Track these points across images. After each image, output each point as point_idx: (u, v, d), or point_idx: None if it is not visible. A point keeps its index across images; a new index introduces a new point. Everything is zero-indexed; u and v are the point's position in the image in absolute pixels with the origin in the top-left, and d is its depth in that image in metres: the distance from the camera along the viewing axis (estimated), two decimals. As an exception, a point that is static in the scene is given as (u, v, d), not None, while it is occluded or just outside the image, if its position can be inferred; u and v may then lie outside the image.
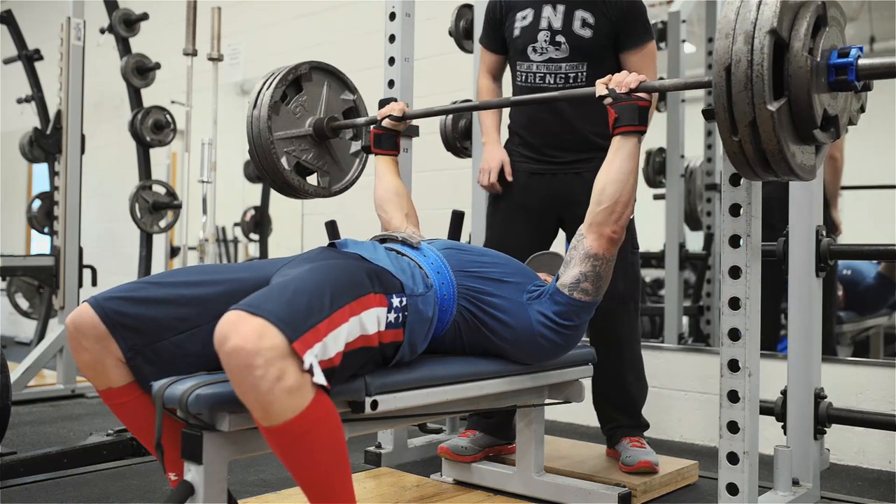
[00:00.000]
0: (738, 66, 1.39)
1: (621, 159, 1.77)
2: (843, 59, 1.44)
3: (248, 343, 1.21)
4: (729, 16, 1.42)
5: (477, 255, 1.86)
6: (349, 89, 2.44)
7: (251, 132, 2.26)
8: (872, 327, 3.91)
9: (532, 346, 1.80)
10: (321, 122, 2.33)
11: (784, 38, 1.38)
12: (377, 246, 1.75)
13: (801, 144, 1.48)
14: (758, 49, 1.37)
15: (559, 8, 2.35)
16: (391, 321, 1.53)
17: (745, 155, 1.45)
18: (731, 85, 1.40)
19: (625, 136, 1.78)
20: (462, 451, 2.34)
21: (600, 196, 1.77)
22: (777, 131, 1.39)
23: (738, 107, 1.40)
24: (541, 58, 2.37)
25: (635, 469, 2.33)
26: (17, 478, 2.36)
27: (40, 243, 6.38)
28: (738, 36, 1.39)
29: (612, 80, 1.81)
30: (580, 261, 1.77)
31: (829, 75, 1.45)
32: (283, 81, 2.28)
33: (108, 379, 1.48)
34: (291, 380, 1.23)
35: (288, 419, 1.24)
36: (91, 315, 1.44)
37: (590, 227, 1.78)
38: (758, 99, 1.38)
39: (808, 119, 1.42)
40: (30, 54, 5.06)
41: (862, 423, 2.33)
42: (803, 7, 1.42)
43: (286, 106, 2.29)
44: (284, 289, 1.34)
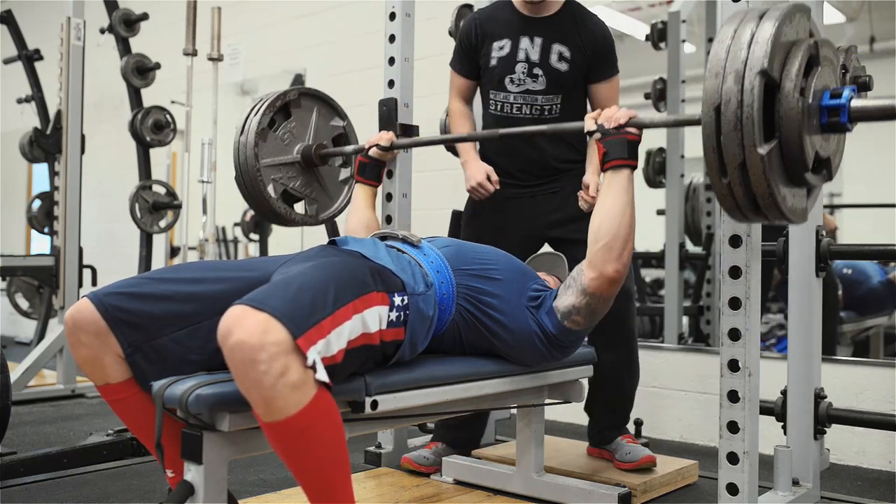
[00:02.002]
0: (728, 106, 1.34)
1: (614, 194, 1.72)
2: (836, 101, 1.39)
3: (252, 338, 1.21)
4: (719, 54, 1.37)
5: (476, 253, 1.86)
6: (339, 115, 2.41)
7: (237, 158, 2.23)
8: (872, 327, 3.90)
9: (529, 349, 1.80)
10: (309, 149, 2.30)
11: (775, 78, 1.34)
12: (378, 243, 1.75)
13: (793, 187, 1.43)
14: (748, 90, 1.32)
15: (536, 41, 2.36)
16: (393, 320, 1.53)
17: (735, 198, 1.40)
18: (721, 125, 1.35)
19: (615, 170, 1.74)
20: (424, 462, 2.35)
21: (597, 234, 1.72)
22: (767, 174, 1.34)
23: (727, 148, 1.35)
24: (517, 89, 2.38)
25: (639, 465, 2.34)
26: (17, 478, 2.36)
27: (40, 243, 6.38)
28: (728, 75, 1.34)
29: (602, 115, 1.77)
30: (576, 293, 1.75)
31: (822, 117, 1.40)
32: (272, 108, 2.24)
33: (106, 375, 1.48)
34: (295, 375, 1.23)
35: (290, 415, 1.24)
36: (91, 310, 1.43)
37: (590, 265, 1.73)
38: (748, 141, 1.33)
39: (799, 162, 1.37)
40: (30, 54, 5.06)
41: (862, 423, 2.33)
42: (795, 46, 1.38)
43: (274, 132, 2.25)
44: (288, 285, 1.34)
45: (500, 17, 2.42)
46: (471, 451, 2.52)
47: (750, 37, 1.35)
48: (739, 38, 1.36)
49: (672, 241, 3.77)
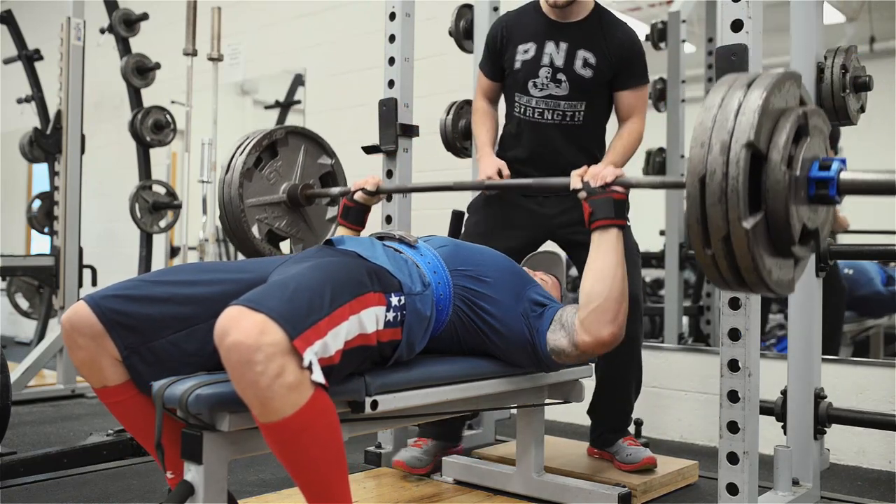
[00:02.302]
0: (713, 177, 1.30)
1: (604, 255, 1.70)
2: (824, 174, 1.34)
3: (248, 338, 1.21)
4: (706, 123, 1.33)
5: (472, 254, 1.85)
6: (327, 153, 2.39)
7: (221, 197, 2.20)
8: (872, 327, 3.90)
9: (521, 355, 1.80)
10: (295, 189, 2.27)
11: (762, 150, 1.30)
12: (375, 243, 1.75)
13: (779, 259, 1.39)
14: (734, 162, 1.28)
15: (562, 45, 2.35)
16: (390, 320, 1.53)
17: (719, 269, 1.37)
18: (705, 197, 1.31)
19: (603, 230, 1.71)
20: (418, 464, 2.32)
21: (588, 297, 1.69)
22: (752, 248, 1.30)
23: (711, 220, 1.31)
24: (541, 93, 2.37)
25: (640, 466, 2.35)
26: (17, 478, 2.36)
27: (40, 243, 6.37)
28: (713, 145, 1.31)
29: (588, 172, 1.74)
30: (567, 343, 1.72)
31: (809, 188, 1.36)
32: (258, 147, 2.20)
33: (103, 377, 1.47)
34: (291, 376, 1.23)
35: (286, 415, 1.24)
36: (87, 313, 1.43)
37: (584, 329, 1.69)
38: (732, 214, 1.29)
39: (785, 234, 1.34)
40: (30, 54, 5.06)
41: (862, 423, 2.33)
42: (784, 116, 1.35)
43: (260, 171, 2.22)
44: (285, 286, 1.34)
45: (527, 21, 2.41)
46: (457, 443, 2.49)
47: (737, 106, 1.31)
48: (726, 106, 1.33)
49: (672, 241, 3.77)
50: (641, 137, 2.41)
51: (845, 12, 4.26)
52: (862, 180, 1.33)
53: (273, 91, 5.16)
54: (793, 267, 1.44)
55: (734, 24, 1.83)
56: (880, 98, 2.42)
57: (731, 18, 1.84)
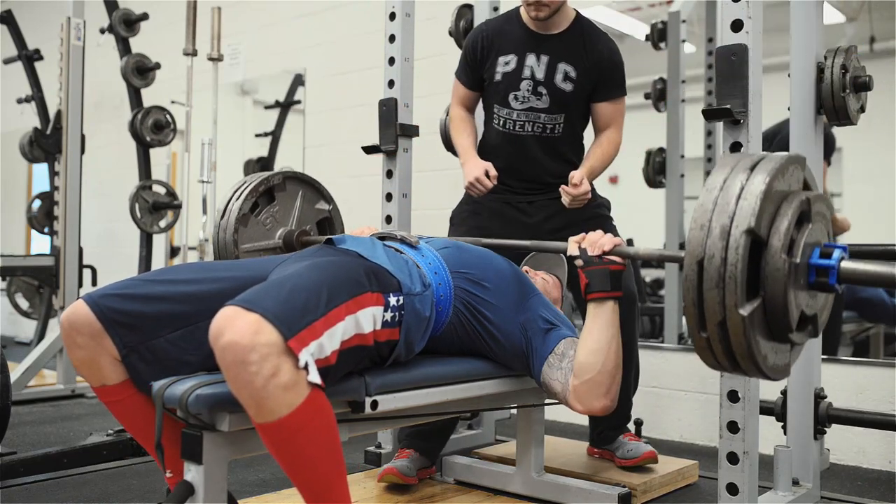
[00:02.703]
0: (711, 262, 1.28)
1: (599, 328, 1.68)
2: (825, 262, 1.32)
3: (243, 338, 1.20)
4: (706, 205, 1.32)
5: (474, 257, 1.84)
6: (325, 199, 2.35)
7: (216, 241, 2.18)
8: (872, 327, 3.90)
9: (519, 363, 1.80)
10: (291, 235, 2.25)
11: (762, 236, 1.29)
12: (376, 243, 1.74)
13: (775, 343, 1.38)
14: (733, 248, 1.27)
15: (542, 58, 2.33)
16: (387, 320, 1.52)
17: (714, 353, 1.36)
18: (703, 281, 1.30)
19: (599, 302, 1.69)
20: (409, 472, 2.26)
21: (581, 368, 1.67)
22: (748, 335, 1.29)
23: (708, 304, 1.30)
24: (521, 106, 2.36)
25: (641, 460, 2.35)
26: (17, 478, 2.36)
27: (40, 243, 6.37)
28: (713, 229, 1.29)
29: (586, 239, 1.73)
30: (558, 391, 1.72)
31: (809, 275, 1.34)
32: (254, 192, 2.18)
33: (102, 376, 1.47)
34: (286, 376, 1.23)
35: (282, 416, 1.24)
36: (86, 312, 1.43)
37: (576, 397, 1.68)
38: (729, 300, 1.27)
39: (783, 321, 1.32)
40: (30, 54, 5.06)
41: (862, 423, 2.33)
42: (786, 201, 1.33)
43: (256, 217, 2.20)
44: (281, 286, 1.34)
45: (508, 31, 2.38)
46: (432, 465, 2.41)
47: (739, 190, 1.30)
48: (728, 189, 1.31)
49: (672, 241, 3.77)
50: (619, 148, 2.39)
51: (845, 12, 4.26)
52: (863, 270, 1.31)
53: (273, 91, 5.16)
54: (789, 351, 1.42)
55: (734, 24, 1.83)
56: (880, 98, 2.42)
57: (731, 18, 1.83)
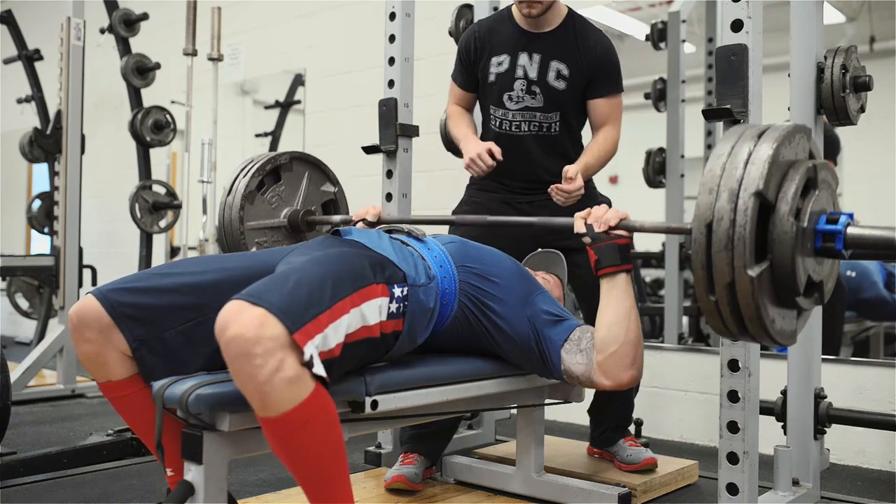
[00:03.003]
0: (720, 224, 1.31)
1: (616, 300, 1.69)
2: (832, 227, 1.35)
3: (248, 332, 1.21)
4: (715, 170, 1.34)
5: (480, 253, 1.85)
6: (330, 181, 2.37)
7: (222, 218, 2.19)
8: (872, 327, 3.90)
9: (525, 357, 1.79)
10: (297, 214, 2.26)
11: (770, 199, 1.31)
12: (382, 235, 1.75)
13: (783, 309, 1.40)
14: (741, 210, 1.29)
15: (535, 57, 2.31)
16: (393, 311, 1.53)
17: (722, 316, 1.38)
18: (712, 243, 1.31)
19: (611, 276, 1.70)
20: (416, 479, 2.24)
21: (604, 342, 1.68)
22: (756, 296, 1.31)
23: (716, 267, 1.32)
24: (516, 106, 2.34)
25: (641, 467, 2.35)
26: (17, 478, 2.36)
27: (40, 243, 6.37)
28: (722, 193, 1.31)
29: (591, 215, 1.73)
30: (582, 372, 1.72)
31: (816, 241, 1.37)
32: (261, 171, 2.19)
33: (108, 372, 1.48)
34: (291, 370, 1.23)
35: (286, 410, 1.24)
36: (96, 306, 1.43)
37: (604, 372, 1.69)
38: (738, 261, 1.30)
39: (790, 285, 1.34)
40: (30, 54, 5.06)
41: (862, 423, 2.33)
42: (793, 168, 1.35)
43: (262, 195, 2.21)
44: (286, 280, 1.34)
45: (500, 31, 2.36)
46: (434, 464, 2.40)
47: (747, 155, 1.32)
48: (736, 155, 1.33)
49: (672, 241, 3.77)
50: (616, 146, 2.34)
51: (845, 12, 4.26)
52: (869, 235, 1.33)
53: (273, 91, 5.16)
54: (796, 318, 1.44)
55: (734, 24, 1.83)
56: (880, 98, 2.42)
57: (731, 18, 1.84)
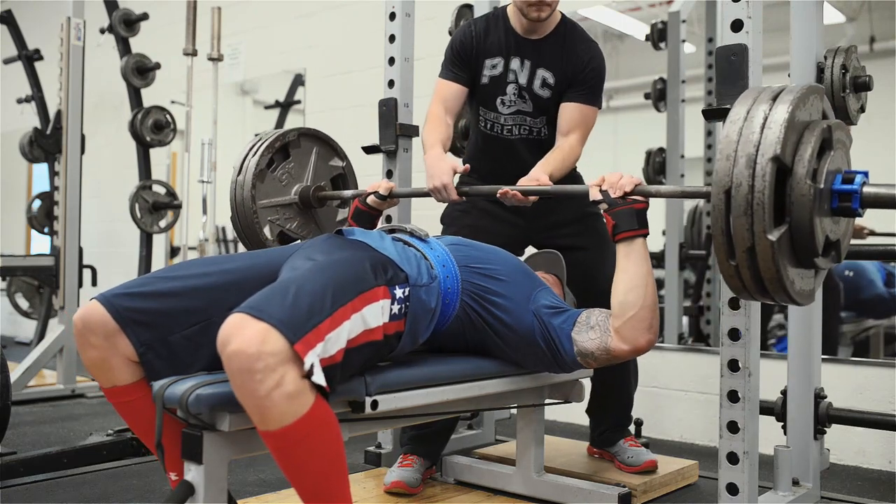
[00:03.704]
0: (739, 189, 1.33)
1: (634, 264, 1.70)
2: (848, 187, 1.37)
3: (250, 347, 1.21)
4: (731, 136, 1.35)
5: (483, 252, 1.86)
6: (339, 156, 2.38)
7: (233, 198, 2.20)
8: (872, 327, 3.90)
9: (531, 354, 1.79)
10: (307, 190, 2.27)
11: (787, 163, 1.33)
12: (384, 236, 1.75)
13: (801, 269, 1.42)
14: (759, 175, 1.31)
15: (525, 63, 2.30)
16: (395, 313, 1.53)
17: (742, 279, 1.40)
18: (731, 209, 1.34)
19: (629, 241, 1.71)
20: (416, 483, 2.23)
21: (623, 307, 1.69)
22: (776, 259, 1.33)
23: (736, 232, 1.34)
24: (509, 110, 2.33)
25: (642, 469, 2.35)
26: (17, 478, 2.36)
27: (40, 243, 6.38)
28: (739, 159, 1.33)
29: (606, 181, 1.74)
30: (599, 347, 1.72)
31: (833, 201, 1.39)
32: (270, 148, 2.20)
33: (113, 377, 1.48)
34: (291, 386, 1.23)
35: (286, 424, 1.24)
36: (101, 312, 1.43)
37: (622, 338, 1.70)
38: (757, 226, 1.32)
39: (809, 246, 1.37)
40: (30, 54, 5.06)
41: (862, 423, 2.33)
42: (808, 130, 1.36)
43: (272, 173, 2.22)
44: (286, 290, 1.34)
45: (494, 34, 2.34)
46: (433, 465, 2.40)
47: (763, 120, 1.33)
48: (752, 120, 1.34)
49: (672, 241, 3.77)
50: (578, 158, 2.28)
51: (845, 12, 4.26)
52: (885, 194, 1.35)
53: (273, 91, 5.16)
54: (814, 277, 1.46)
55: (734, 24, 1.83)
56: (880, 98, 2.42)
57: (731, 18, 1.84)
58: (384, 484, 2.21)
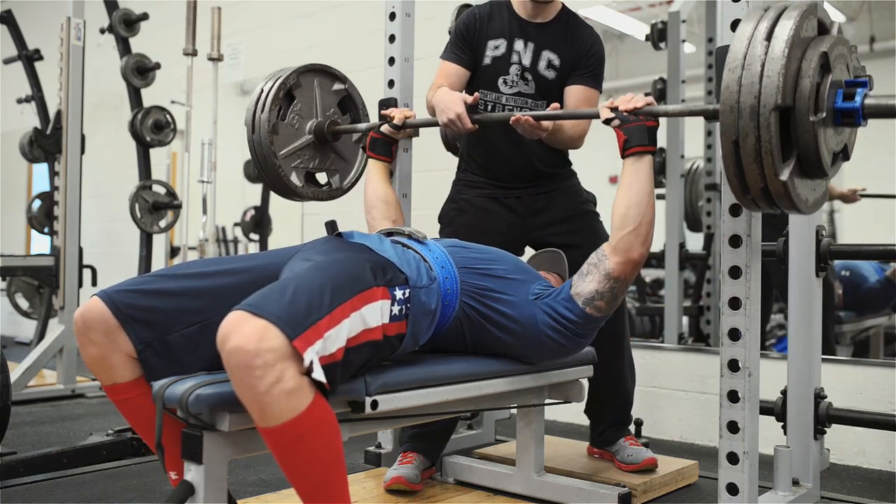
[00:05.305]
0: (746, 140, 1.37)
1: (640, 181, 1.75)
2: (850, 105, 1.41)
3: (248, 344, 1.21)
4: (731, 86, 1.39)
5: (481, 253, 1.87)
6: (338, 79, 2.42)
7: (256, 156, 2.25)
8: (872, 327, 3.90)
9: (536, 345, 1.80)
10: (321, 126, 2.32)
11: (789, 104, 1.37)
12: (383, 239, 1.76)
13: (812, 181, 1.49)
14: (764, 126, 1.35)
15: (529, 45, 2.34)
16: (395, 314, 1.53)
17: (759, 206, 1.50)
18: (741, 158, 1.39)
19: (638, 156, 1.77)
20: (416, 480, 2.23)
21: (623, 220, 1.74)
22: (790, 192, 1.40)
23: (748, 175, 1.40)
24: (510, 90, 2.35)
25: (641, 467, 2.35)
26: (17, 478, 2.36)
27: (40, 243, 6.38)
28: (743, 110, 1.37)
29: (619, 100, 1.80)
30: (599, 279, 1.75)
31: (836, 119, 1.43)
32: (276, 100, 2.24)
33: (114, 374, 1.48)
34: (290, 382, 1.23)
35: (285, 421, 1.24)
36: (101, 308, 1.44)
37: (615, 251, 1.75)
38: (768, 171, 1.38)
39: (817, 166, 1.43)
40: (30, 54, 5.06)
41: (862, 423, 2.33)
42: (805, 60, 1.39)
43: (283, 121, 2.26)
44: (285, 288, 1.35)
45: (498, 17, 2.39)
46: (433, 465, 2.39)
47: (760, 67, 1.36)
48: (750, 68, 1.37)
49: (672, 241, 3.77)
50: (583, 140, 2.32)
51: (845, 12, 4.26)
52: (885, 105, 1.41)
53: (273, 91, 5.15)
54: (824, 181, 1.56)
55: (734, 24, 1.83)
56: (880, 98, 2.41)
57: (731, 18, 1.83)
58: (384, 481, 2.21)
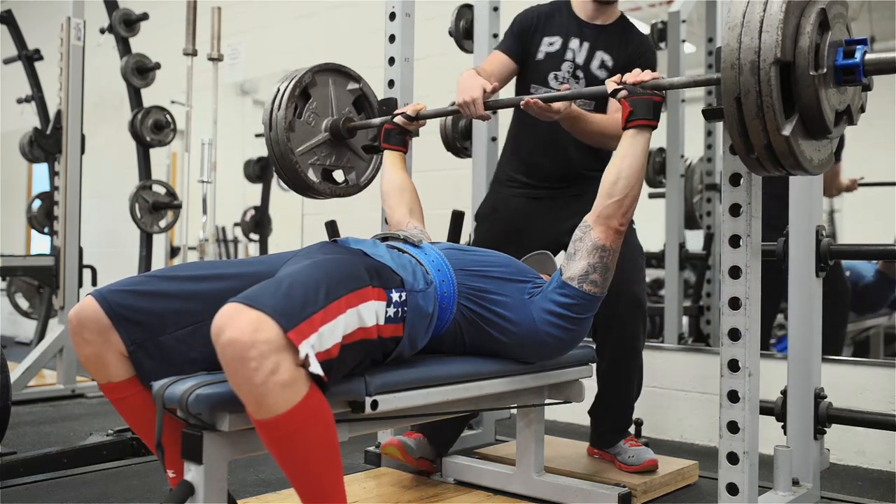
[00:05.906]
0: (748, 97, 1.39)
1: (634, 155, 1.78)
2: (850, 61, 1.44)
3: (243, 335, 1.21)
4: (731, 44, 1.41)
5: (478, 255, 1.87)
6: (353, 78, 2.44)
7: (273, 155, 2.27)
8: (872, 327, 3.90)
9: (536, 344, 1.80)
10: (337, 123, 2.34)
11: (789, 60, 1.39)
12: (378, 243, 1.76)
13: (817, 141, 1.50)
14: (765, 81, 1.37)
15: (584, 44, 2.40)
16: (391, 316, 1.53)
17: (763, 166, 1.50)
18: (743, 114, 1.41)
19: (639, 129, 1.79)
20: (411, 452, 2.26)
21: (611, 188, 1.77)
22: (793, 148, 1.41)
23: (752, 132, 1.42)
24: (560, 87, 2.37)
25: (643, 468, 2.35)
26: (17, 478, 2.36)
27: (40, 243, 6.38)
28: (743, 66, 1.39)
29: (627, 76, 1.83)
30: (588, 253, 1.77)
31: (837, 77, 1.45)
32: (292, 98, 2.25)
33: (108, 373, 1.48)
34: (286, 374, 1.24)
35: (280, 413, 1.24)
36: (95, 308, 1.44)
37: (597, 220, 1.77)
38: (770, 126, 1.39)
39: (820, 125, 1.44)
40: (30, 54, 5.06)
41: (862, 423, 2.33)
42: (804, 17, 1.42)
43: (299, 119, 2.28)
44: (280, 283, 1.35)
45: (558, 17, 2.45)
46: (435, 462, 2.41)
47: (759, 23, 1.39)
48: (749, 24, 1.40)
49: (672, 241, 3.77)
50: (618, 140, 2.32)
51: (845, 12, 4.26)
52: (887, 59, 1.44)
53: (273, 91, 5.15)
54: (829, 142, 1.57)
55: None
56: (880, 98, 2.41)
57: (731, 18, 1.84)
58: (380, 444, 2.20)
